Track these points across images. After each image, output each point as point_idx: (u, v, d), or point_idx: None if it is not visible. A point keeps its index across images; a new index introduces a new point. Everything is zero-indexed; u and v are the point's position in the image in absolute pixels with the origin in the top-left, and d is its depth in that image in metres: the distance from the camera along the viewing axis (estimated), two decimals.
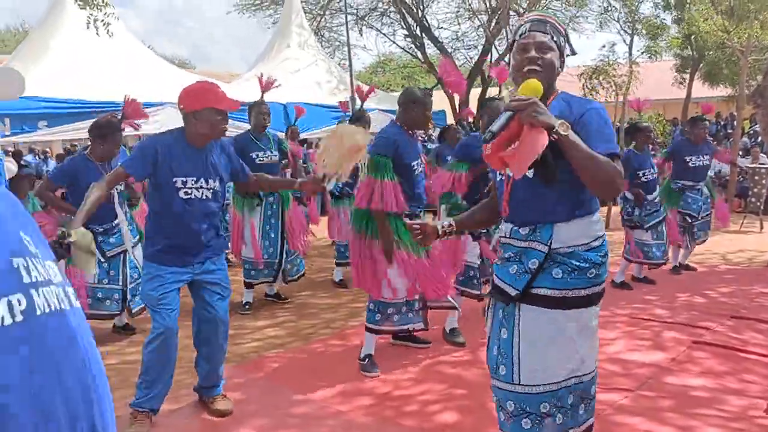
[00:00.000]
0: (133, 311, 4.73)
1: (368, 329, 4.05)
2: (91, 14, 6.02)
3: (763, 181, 10.01)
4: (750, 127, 15.97)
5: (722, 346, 4.28)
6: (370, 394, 3.65)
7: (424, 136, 11.13)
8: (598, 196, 2.19)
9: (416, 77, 29.13)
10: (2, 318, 0.56)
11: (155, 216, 3.26)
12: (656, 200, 6.18)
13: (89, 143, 4.59)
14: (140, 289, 3.61)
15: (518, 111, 2.01)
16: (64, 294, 0.66)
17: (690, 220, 6.59)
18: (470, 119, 10.08)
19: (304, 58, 11.75)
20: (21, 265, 0.59)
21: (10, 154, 9.28)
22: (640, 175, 6.04)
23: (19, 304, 0.58)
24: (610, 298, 5.65)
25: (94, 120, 4.62)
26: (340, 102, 8.60)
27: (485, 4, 15.25)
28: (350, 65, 9.19)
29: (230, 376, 3.92)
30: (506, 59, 16.12)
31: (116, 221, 4.55)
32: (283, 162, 5.92)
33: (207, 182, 3.22)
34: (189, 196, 3.17)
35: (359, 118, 5.93)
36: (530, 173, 2.13)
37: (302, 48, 11.99)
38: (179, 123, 7.55)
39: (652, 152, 6.43)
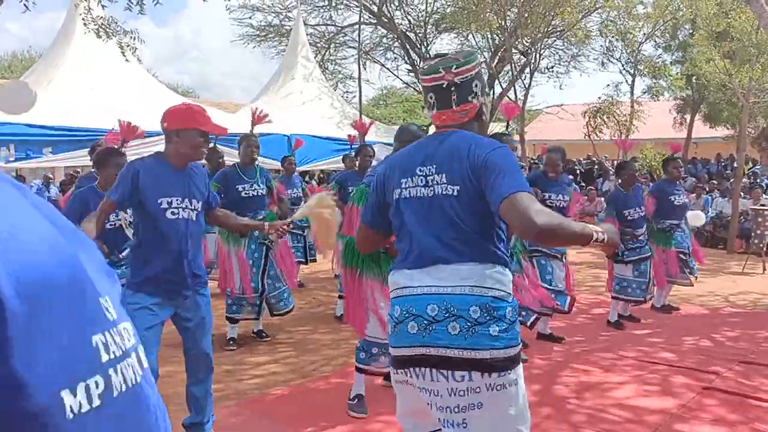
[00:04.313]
0: None
1: (357, 368, 3.92)
2: (119, 41, 6.14)
3: (766, 223, 10.00)
4: (749, 168, 16.04)
5: (734, 393, 4.21)
6: None
7: None
8: None
9: (417, 111, 29.38)
10: (80, 404, 0.51)
11: (142, 244, 3.14)
12: (641, 237, 6.10)
13: (93, 172, 4.50)
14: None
15: None
16: (137, 360, 0.61)
17: (684, 257, 6.61)
18: None
19: (309, 90, 11.83)
20: (100, 342, 0.55)
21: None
22: (626, 215, 6.00)
23: (97, 387, 0.53)
24: (615, 340, 5.61)
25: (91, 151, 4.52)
26: (349, 136, 8.35)
27: (488, 41, 15.44)
28: (360, 99, 9.22)
29: (231, 415, 3.83)
30: (509, 95, 16.26)
31: (124, 252, 4.18)
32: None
33: (191, 202, 3.16)
34: (176, 216, 3.10)
35: (358, 152, 6.21)
36: None
37: (307, 80, 12.07)
38: None
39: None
